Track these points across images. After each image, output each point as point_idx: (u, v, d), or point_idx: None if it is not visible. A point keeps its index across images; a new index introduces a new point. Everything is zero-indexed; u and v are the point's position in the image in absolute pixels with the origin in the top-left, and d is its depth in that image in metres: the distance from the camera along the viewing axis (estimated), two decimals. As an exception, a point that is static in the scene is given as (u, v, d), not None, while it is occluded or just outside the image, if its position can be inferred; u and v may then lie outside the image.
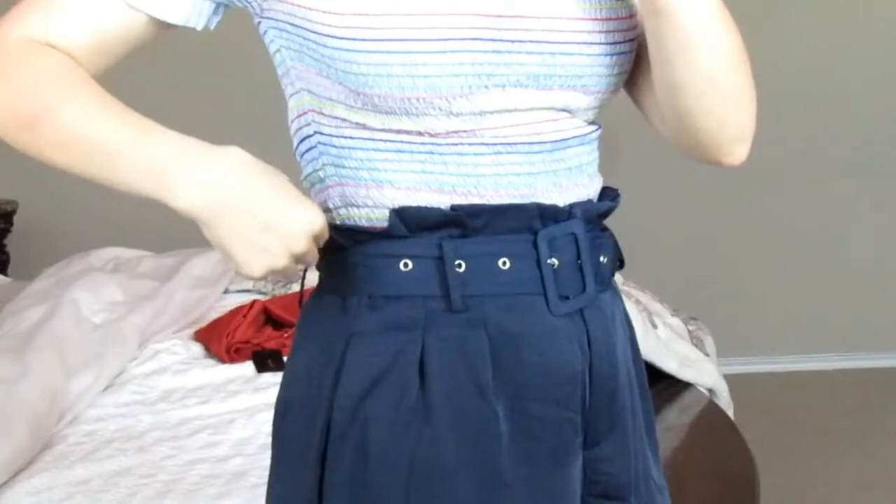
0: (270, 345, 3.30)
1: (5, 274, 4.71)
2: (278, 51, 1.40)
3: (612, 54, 1.40)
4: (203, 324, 3.56)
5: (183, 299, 3.69)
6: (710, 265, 5.11)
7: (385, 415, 1.35)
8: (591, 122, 1.46)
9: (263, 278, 1.49)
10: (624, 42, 1.41)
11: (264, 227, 1.29)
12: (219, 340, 3.36)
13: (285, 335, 3.34)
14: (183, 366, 3.31)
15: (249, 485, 2.51)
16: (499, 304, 1.37)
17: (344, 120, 1.36)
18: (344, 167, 1.38)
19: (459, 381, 1.36)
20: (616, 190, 1.51)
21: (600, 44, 1.39)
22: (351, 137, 1.37)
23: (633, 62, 1.45)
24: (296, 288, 3.65)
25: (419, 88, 1.30)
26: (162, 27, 1.39)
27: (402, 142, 1.35)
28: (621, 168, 1.34)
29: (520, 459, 1.38)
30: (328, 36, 1.31)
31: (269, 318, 3.43)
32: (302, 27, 1.33)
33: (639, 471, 1.52)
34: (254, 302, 3.48)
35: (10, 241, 5.01)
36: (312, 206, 1.32)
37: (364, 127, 1.35)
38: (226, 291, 3.89)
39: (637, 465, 1.51)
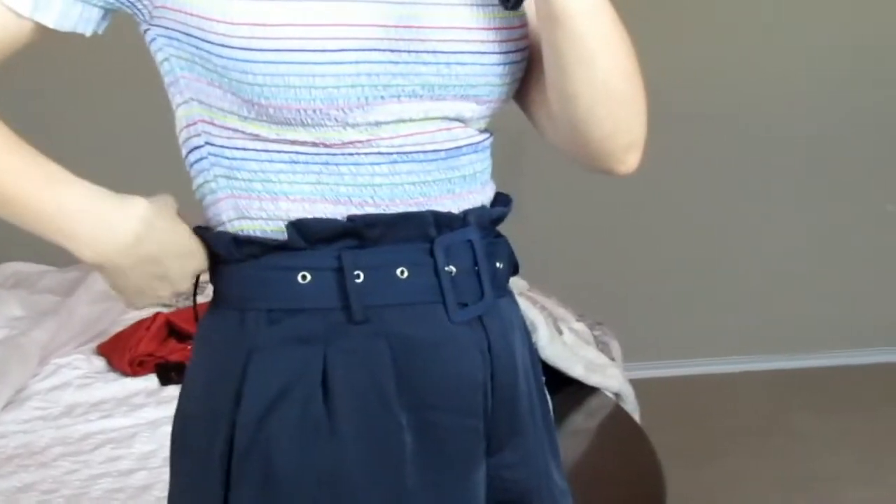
0: (174, 357, 3.26)
1: None
2: (167, 59, 1.38)
3: (504, 63, 1.41)
4: (106, 338, 3.52)
5: (85, 313, 3.65)
6: (615, 270, 5.13)
7: (288, 431, 1.34)
8: (484, 131, 1.47)
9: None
10: (516, 51, 1.43)
11: (159, 278, 1.37)
12: (122, 354, 3.32)
13: (189, 347, 3.30)
14: (86, 380, 3.27)
15: (154, 498, 2.48)
16: (399, 313, 1.37)
17: (236, 130, 1.35)
18: (236, 178, 1.37)
19: (363, 394, 1.35)
20: (508, 196, 1.51)
21: (494, 53, 1.40)
22: (244, 149, 1.35)
23: (524, 72, 1.46)
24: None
25: (316, 99, 1.30)
26: (48, 33, 1.36)
27: (296, 152, 1.34)
28: (524, 174, 1.33)
29: (424, 468, 1.38)
30: (223, 46, 1.29)
31: (173, 330, 3.39)
32: (195, 36, 1.32)
33: (541, 475, 1.52)
34: (156, 314, 3.44)
35: None
36: (200, 251, 1.40)
37: (258, 138, 1.34)
38: (129, 305, 3.85)
39: (539, 470, 1.52)
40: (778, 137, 5.09)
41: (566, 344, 3.39)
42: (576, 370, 3.33)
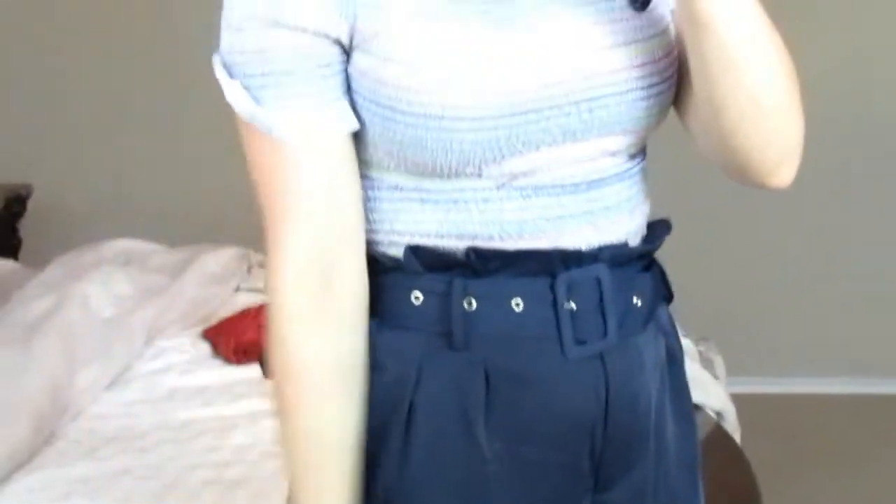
0: (278, 348, 3.24)
1: (16, 259, 4.69)
2: None
3: (649, 97, 1.36)
4: (213, 321, 3.54)
5: (194, 295, 3.68)
6: (721, 284, 5.08)
7: (368, 448, 1.36)
8: (633, 156, 1.41)
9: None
10: (661, 83, 1.37)
11: None
12: (227, 340, 3.33)
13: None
14: (189, 365, 3.29)
15: (248, 494, 2.49)
16: (505, 345, 1.34)
17: (375, 179, 1.35)
18: (367, 220, 1.36)
19: (445, 420, 1.34)
20: (667, 222, 1.47)
21: (637, 89, 1.34)
22: (378, 189, 1.35)
23: (676, 84, 1.40)
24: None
25: (452, 160, 1.28)
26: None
27: (427, 191, 1.33)
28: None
29: (512, 500, 1.36)
30: (371, 102, 1.29)
31: (279, 321, 3.38)
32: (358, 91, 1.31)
33: None
34: (263, 304, 3.44)
35: (23, 226, 4.98)
36: None
37: (396, 187, 1.34)
38: (237, 289, 3.87)
39: None
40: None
41: (669, 358, 3.36)
42: (677, 386, 3.30)
